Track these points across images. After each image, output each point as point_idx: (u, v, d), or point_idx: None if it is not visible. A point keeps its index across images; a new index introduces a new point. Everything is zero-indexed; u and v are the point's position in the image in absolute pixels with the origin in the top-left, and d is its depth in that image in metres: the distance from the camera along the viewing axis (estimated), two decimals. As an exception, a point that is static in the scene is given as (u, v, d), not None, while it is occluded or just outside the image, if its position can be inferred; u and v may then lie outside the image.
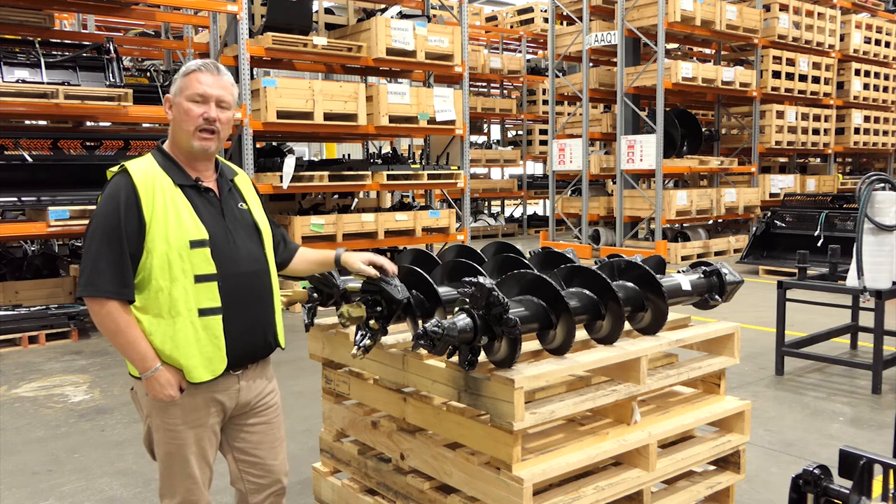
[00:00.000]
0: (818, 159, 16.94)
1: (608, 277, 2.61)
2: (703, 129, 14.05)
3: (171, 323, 2.19)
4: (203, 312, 2.21)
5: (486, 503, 2.38)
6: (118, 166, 2.24)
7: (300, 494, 3.53)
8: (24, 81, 6.90)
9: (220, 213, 2.30)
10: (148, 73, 8.53)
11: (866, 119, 15.70)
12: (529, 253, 3.15)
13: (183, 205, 2.22)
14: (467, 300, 2.27)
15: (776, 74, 13.53)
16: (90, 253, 2.16)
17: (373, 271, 2.46)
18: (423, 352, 2.53)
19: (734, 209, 12.98)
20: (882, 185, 5.31)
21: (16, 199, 6.92)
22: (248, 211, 2.40)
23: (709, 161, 12.63)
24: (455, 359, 2.36)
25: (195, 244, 2.20)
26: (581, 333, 2.62)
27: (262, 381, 2.44)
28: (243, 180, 2.48)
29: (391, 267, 2.50)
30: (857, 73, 15.40)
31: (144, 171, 2.22)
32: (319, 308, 2.89)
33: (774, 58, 13.40)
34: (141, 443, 4.33)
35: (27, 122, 9.17)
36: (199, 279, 2.20)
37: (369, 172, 8.97)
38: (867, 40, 15.60)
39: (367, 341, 2.48)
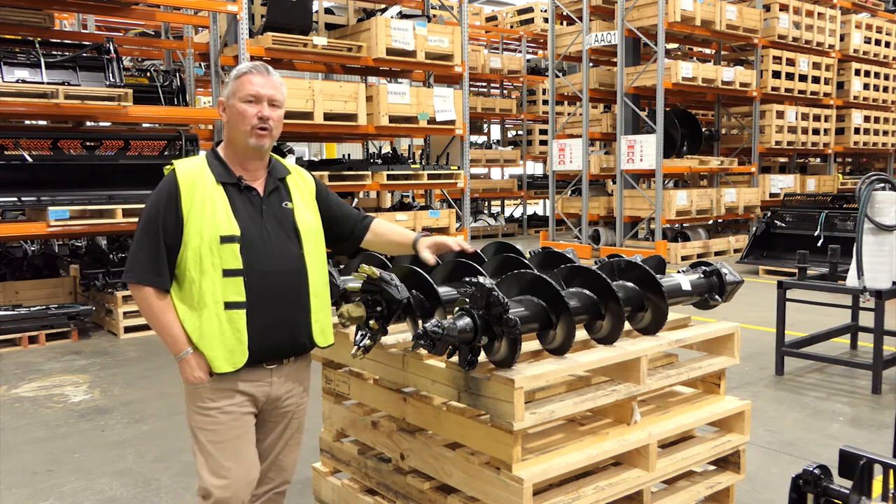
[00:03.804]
0: (818, 159, 16.94)
1: (608, 277, 2.60)
2: (703, 129, 14.05)
3: (199, 314, 2.28)
4: (228, 306, 2.27)
5: (486, 503, 2.38)
6: (171, 164, 2.37)
7: (300, 494, 3.53)
8: (24, 81, 6.90)
9: (258, 211, 2.36)
10: (148, 73, 8.52)
11: (866, 119, 15.70)
12: (529, 253, 3.14)
13: (220, 201, 2.30)
14: (467, 300, 2.27)
15: (776, 74, 13.53)
16: (134, 242, 2.32)
17: (432, 258, 2.60)
18: (423, 352, 2.53)
19: (734, 209, 12.98)
20: (882, 185, 5.31)
21: (16, 199, 6.91)
22: (291, 210, 2.43)
23: (709, 161, 12.63)
24: (455, 359, 2.36)
25: (225, 239, 2.27)
26: (581, 333, 2.62)
27: (294, 383, 2.48)
28: (296, 180, 2.51)
29: (458, 247, 2.66)
30: (857, 73, 15.40)
31: (190, 168, 2.33)
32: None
33: (774, 58, 13.40)
34: (141, 442, 4.36)
35: (27, 122, 9.16)
36: (227, 273, 2.27)
37: (369, 172, 8.97)
38: (867, 40, 15.60)
39: (367, 341, 2.48)
